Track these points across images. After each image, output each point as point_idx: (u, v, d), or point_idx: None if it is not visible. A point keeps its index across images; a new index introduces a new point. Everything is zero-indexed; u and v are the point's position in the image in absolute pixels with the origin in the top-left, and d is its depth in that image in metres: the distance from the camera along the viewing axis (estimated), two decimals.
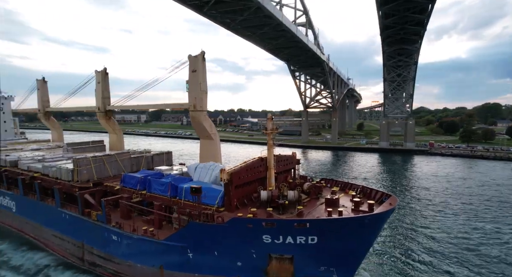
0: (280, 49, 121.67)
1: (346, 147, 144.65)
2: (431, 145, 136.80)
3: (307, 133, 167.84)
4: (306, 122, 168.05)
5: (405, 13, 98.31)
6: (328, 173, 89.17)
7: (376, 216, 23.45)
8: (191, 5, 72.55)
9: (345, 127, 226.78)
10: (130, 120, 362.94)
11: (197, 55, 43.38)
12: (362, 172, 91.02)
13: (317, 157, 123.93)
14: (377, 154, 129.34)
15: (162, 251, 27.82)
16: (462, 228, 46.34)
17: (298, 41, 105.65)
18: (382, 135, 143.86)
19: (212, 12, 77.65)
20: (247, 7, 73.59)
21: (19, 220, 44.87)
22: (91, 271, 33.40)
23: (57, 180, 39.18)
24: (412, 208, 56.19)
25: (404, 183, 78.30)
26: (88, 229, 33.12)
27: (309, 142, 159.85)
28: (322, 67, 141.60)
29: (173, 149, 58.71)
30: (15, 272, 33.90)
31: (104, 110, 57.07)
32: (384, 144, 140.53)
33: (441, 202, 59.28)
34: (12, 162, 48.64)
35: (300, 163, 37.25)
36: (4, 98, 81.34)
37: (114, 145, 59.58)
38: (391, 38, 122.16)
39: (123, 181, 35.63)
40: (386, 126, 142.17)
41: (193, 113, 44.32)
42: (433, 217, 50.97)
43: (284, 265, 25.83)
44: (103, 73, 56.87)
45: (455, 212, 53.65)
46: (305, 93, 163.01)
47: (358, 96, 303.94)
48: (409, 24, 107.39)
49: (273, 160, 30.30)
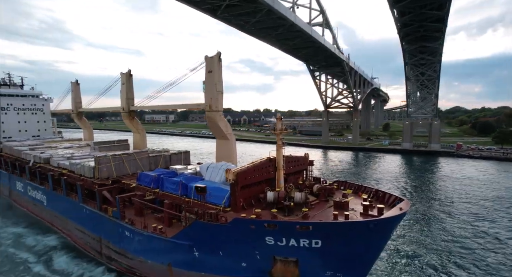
0: (298, 49, 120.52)
1: (367, 148, 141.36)
2: (458, 147, 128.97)
3: (327, 133, 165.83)
4: (326, 123, 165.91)
5: (421, 10, 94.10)
6: (345, 174, 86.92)
7: (384, 220, 22.28)
8: (205, 9, 74.13)
9: (369, 128, 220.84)
10: (159, 120, 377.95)
11: (213, 56, 43.86)
12: (380, 174, 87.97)
13: (336, 158, 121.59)
14: (399, 156, 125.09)
15: (170, 249, 28.40)
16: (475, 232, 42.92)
17: (314, 41, 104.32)
18: (405, 136, 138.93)
19: (225, 15, 78.80)
20: (258, 9, 73.97)
21: (49, 213, 47.96)
22: (107, 265, 34.86)
23: (81, 176, 41.41)
24: (426, 212, 53.08)
25: (420, 185, 74.85)
26: (105, 225, 34.62)
27: (329, 143, 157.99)
28: (341, 67, 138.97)
29: (194, 148, 60.42)
30: (39, 262, 36.16)
31: (128, 110, 59.48)
32: (407, 145, 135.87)
33: (458, 207, 55.53)
34: (45, 159, 52.08)
35: (314, 164, 36.35)
36: (45, 100, 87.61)
37: (137, 144, 61.96)
38: (410, 36, 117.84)
39: (138, 179, 36.94)
40: (409, 127, 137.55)
41: (209, 113, 44.86)
42: (446, 223, 47.76)
43: (289, 268, 25.33)
44: (127, 75, 59.26)
45: (473, 215, 49.84)
46: (325, 93, 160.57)
47: (385, 96, 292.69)
48: (428, 21, 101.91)
49: (282, 161, 29.82)
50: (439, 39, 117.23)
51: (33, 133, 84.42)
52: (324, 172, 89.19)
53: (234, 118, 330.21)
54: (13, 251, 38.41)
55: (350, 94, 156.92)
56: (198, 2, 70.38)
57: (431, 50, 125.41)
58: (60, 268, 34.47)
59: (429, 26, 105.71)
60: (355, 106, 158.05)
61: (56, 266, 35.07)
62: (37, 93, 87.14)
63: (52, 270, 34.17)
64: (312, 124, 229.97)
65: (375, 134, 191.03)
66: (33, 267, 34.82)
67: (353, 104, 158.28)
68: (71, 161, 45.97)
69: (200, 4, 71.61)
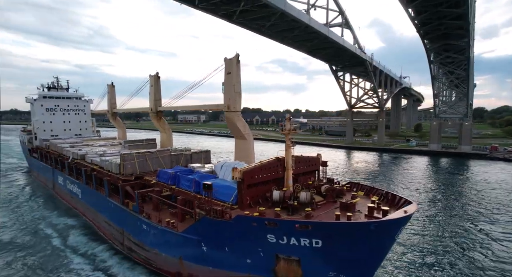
0: (317, 50, 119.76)
1: (392, 149, 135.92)
2: (493, 149, 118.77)
3: (351, 134, 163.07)
4: (350, 123, 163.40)
5: (437, 8, 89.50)
6: (363, 176, 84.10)
7: (385, 222, 21.71)
8: (221, 15, 76.75)
9: (399, 128, 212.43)
10: (191, 120, 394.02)
11: (231, 58, 44.91)
12: (400, 175, 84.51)
13: (358, 159, 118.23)
14: (425, 157, 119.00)
15: (181, 243, 29.78)
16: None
17: (333, 42, 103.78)
18: (432, 137, 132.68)
19: (241, 20, 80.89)
20: (271, 13, 75.28)
21: (83, 205, 52.09)
22: (128, 256, 37.23)
23: (108, 172, 44.57)
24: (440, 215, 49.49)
25: (439, 187, 70.55)
26: (126, 218, 37.01)
27: (353, 143, 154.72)
28: (364, 66, 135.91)
29: (219, 147, 62.02)
30: (71, 249, 39.51)
31: (156, 111, 62.65)
32: (434, 147, 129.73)
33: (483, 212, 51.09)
34: (81, 156, 56.61)
35: (328, 165, 35.97)
36: (86, 101, 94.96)
37: (164, 143, 65.01)
38: (431, 34, 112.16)
39: (158, 176, 38.96)
40: (437, 127, 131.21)
41: (227, 114, 46.00)
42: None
43: (292, 267, 25.49)
44: (155, 77, 62.41)
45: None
46: (350, 93, 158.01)
47: (418, 96, 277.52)
48: (447, 19, 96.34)
49: (291, 160, 30.02)
50: (464, 36, 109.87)
51: (75, 132, 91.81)
52: (342, 173, 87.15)
53: (263, 118, 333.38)
54: (56, 243, 41.91)
55: (375, 94, 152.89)
56: (214, 9, 73.26)
57: (457, 48, 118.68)
58: (88, 257, 37.38)
59: (450, 24, 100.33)
60: (380, 106, 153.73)
61: (84, 254, 38.12)
62: (79, 95, 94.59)
63: (83, 256, 37.20)
64: (339, 124, 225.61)
65: (404, 135, 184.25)
66: (68, 255, 38.07)
67: (378, 104, 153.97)
68: (101, 158, 49.56)
69: (216, 11, 74.39)
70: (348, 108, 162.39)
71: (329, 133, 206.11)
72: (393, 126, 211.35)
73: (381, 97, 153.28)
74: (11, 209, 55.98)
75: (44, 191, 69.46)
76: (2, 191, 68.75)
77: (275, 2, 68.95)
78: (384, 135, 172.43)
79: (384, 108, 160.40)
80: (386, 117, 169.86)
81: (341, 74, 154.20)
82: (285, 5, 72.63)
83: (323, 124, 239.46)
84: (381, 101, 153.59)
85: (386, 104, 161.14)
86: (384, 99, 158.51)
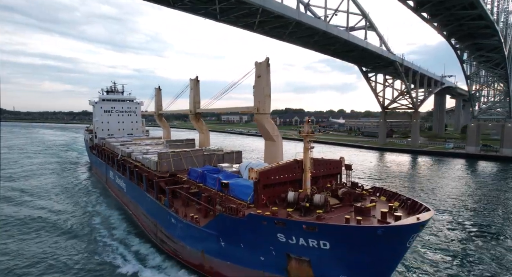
0: (342, 53, 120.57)
1: (425, 151, 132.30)
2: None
3: (384, 135, 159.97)
4: (384, 124, 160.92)
5: (450, 11, 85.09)
6: (389, 178, 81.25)
7: (393, 228, 21.10)
8: (242, 26, 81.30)
9: (443, 130, 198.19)
10: (233, 120, 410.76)
11: (261, 62, 46.26)
12: (426, 179, 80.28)
13: (387, 160, 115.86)
14: (462, 160, 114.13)
15: (202, 237, 31.72)
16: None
17: (355, 45, 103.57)
18: (469, 139, 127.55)
19: (260, 30, 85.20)
20: (288, 23, 78.16)
21: (127, 198, 57.29)
22: (160, 247, 40.39)
23: (148, 169, 48.63)
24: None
25: (472, 195, 65.09)
26: (159, 211, 40.18)
27: (386, 144, 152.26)
28: (394, 67, 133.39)
29: (253, 146, 63.44)
30: (112, 237, 44.03)
31: (195, 112, 66.46)
32: (471, 149, 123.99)
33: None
34: (128, 153, 62.30)
35: (352, 169, 35.33)
36: (137, 104, 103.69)
37: (202, 143, 68.63)
38: (456, 34, 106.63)
39: (189, 174, 41.71)
40: (475, 129, 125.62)
41: (256, 116, 47.39)
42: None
43: (303, 267, 25.83)
44: (195, 81, 66.28)
45: None
46: (383, 93, 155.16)
47: (467, 95, 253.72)
48: (466, 20, 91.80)
49: (309, 163, 30.26)
50: (494, 35, 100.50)
51: (128, 132, 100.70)
52: (366, 176, 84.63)
53: (302, 118, 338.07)
54: (102, 230, 46.93)
55: (408, 95, 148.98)
56: (235, 21, 78.12)
57: (490, 46, 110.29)
58: (126, 245, 41.42)
59: (471, 24, 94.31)
60: (414, 107, 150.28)
61: (122, 241, 42.31)
62: (132, 97, 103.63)
63: (121, 243, 41.35)
64: (377, 125, 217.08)
65: (445, 137, 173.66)
66: (110, 242, 42.57)
67: (412, 104, 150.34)
68: (143, 156, 54.17)
69: (237, 22, 79.10)
70: (381, 109, 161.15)
71: (365, 134, 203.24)
72: (436, 128, 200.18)
73: (416, 98, 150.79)
74: (69, 197, 63.84)
75: (99, 184, 77.57)
76: (67, 182, 78.36)
77: (288, 12, 73.02)
78: (423, 136, 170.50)
79: (419, 109, 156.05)
80: (429, 118, 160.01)
81: (372, 74, 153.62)
82: (299, 15, 76.26)
83: (360, 125, 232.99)
84: (415, 102, 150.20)
85: (422, 104, 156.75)
86: (419, 100, 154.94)
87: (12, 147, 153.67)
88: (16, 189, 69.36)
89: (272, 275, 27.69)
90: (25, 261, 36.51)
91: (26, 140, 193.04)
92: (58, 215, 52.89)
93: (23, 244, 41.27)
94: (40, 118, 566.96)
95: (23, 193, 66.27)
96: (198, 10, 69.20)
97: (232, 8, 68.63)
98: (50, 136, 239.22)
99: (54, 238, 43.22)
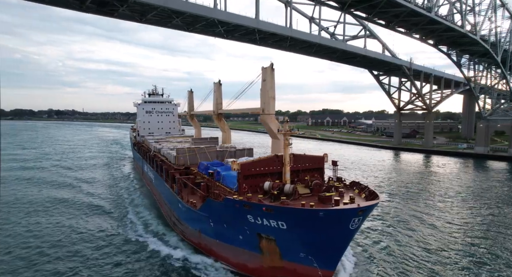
0: (347, 60, 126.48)
1: (436, 151, 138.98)
2: None
3: (399, 135, 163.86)
4: (399, 124, 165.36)
5: (417, 26, 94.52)
6: (391, 175, 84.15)
7: (333, 211, 24.61)
8: (246, 41, 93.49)
9: (472, 132, 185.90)
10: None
11: (267, 67, 50.87)
12: (429, 177, 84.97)
13: (397, 159, 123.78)
14: (471, 160, 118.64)
15: (198, 219, 37.47)
16: None
17: (354, 53, 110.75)
18: (478, 139, 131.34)
19: (263, 44, 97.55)
20: (284, 38, 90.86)
21: (155, 189, 65.61)
22: (173, 229, 47.11)
23: (169, 162, 55.96)
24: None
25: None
26: (172, 198, 46.92)
27: (400, 144, 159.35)
28: (403, 71, 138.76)
29: (266, 144, 67.72)
30: (139, 221, 51.91)
31: (217, 113, 73.01)
32: (480, 149, 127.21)
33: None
34: (158, 149, 70.86)
35: (338, 165, 38.41)
36: (174, 105, 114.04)
37: (224, 140, 74.93)
38: (442, 42, 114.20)
39: (198, 167, 47.90)
40: (484, 130, 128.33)
41: (262, 117, 52.12)
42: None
43: (271, 246, 30.22)
44: (218, 85, 72.85)
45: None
46: (399, 95, 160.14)
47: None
48: (439, 32, 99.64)
49: (288, 157, 34.32)
50: (475, 43, 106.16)
51: (166, 130, 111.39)
52: (367, 172, 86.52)
53: (334, 119, 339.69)
54: (131, 215, 55.07)
55: (420, 97, 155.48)
56: (240, 38, 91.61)
57: (479, 52, 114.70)
58: (147, 226, 48.94)
59: (447, 35, 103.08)
60: (427, 108, 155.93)
61: (146, 223, 49.93)
62: (170, 99, 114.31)
63: (144, 225, 48.97)
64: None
65: (473, 138, 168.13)
66: (136, 224, 50.51)
67: (425, 106, 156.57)
68: (168, 151, 61.87)
69: (241, 39, 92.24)
70: (396, 110, 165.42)
71: (387, 134, 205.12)
72: (464, 130, 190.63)
73: (430, 99, 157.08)
74: (111, 186, 74.49)
75: (137, 176, 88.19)
76: (112, 174, 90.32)
77: (279, 30, 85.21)
78: (445, 137, 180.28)
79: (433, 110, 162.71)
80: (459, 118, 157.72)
81: (384, 77, 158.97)
82: (291, 32, 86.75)
83: (387, 125, 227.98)
84: (429, 104, 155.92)
85: (437, 106, 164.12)
86: (436, 101, 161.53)
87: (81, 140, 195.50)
88: (71, 177, 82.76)
89: (250, 252, 32.40)
90: (65, 231, 45.67)
91: (89, 136, 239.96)
92: (99, 199, 63.12)
93: (72, 220, 50.89)
94: (102, 118, 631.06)
95: (77, 180, 79.15)
96: (207, 32, 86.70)
97: (233, 30, 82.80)
98: (107, 133, 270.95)
99: (92, 217, 52.48)
